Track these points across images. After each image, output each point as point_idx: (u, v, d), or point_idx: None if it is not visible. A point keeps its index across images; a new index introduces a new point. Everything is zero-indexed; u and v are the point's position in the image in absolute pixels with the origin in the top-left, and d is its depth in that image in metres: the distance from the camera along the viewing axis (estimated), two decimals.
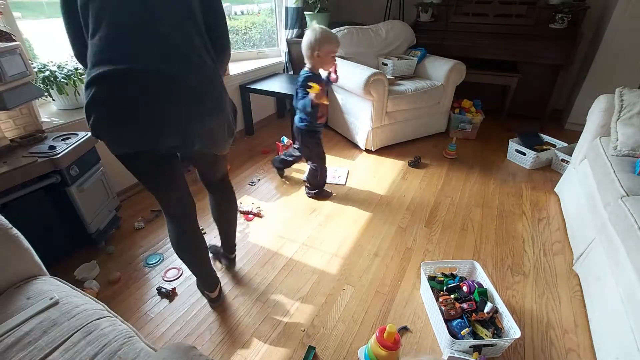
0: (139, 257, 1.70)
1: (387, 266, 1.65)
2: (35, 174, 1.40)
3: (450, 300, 1.31)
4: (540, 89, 3.18)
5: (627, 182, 1.41)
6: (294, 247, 1.77)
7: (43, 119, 1.69)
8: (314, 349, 1.26)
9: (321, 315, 1.40)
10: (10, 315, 0.86)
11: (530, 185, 2.31)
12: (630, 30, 2.59)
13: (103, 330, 0.85)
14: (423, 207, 2.09)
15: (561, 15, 2.74)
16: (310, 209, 2.07)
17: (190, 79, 0.97)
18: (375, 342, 1.14)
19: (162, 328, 1.35)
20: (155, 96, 0.93)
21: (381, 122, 2.60)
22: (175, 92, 0.95)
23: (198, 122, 1.00)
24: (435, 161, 2.62)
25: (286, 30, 3.16)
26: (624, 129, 1.66)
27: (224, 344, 1.29)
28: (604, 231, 1.35)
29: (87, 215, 1.60)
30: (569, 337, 1.32)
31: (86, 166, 1.62)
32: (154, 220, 1.97)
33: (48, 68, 1.74)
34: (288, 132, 2.87)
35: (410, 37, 3.10)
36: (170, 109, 0.95)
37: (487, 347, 1.19)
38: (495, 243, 1.80)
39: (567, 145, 2.47)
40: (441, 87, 2.74)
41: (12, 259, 0.98)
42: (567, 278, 1.58)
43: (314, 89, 1.68)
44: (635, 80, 2.72)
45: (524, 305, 1.45)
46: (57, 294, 0.93)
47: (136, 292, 1.51)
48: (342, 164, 2.58)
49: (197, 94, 0.98)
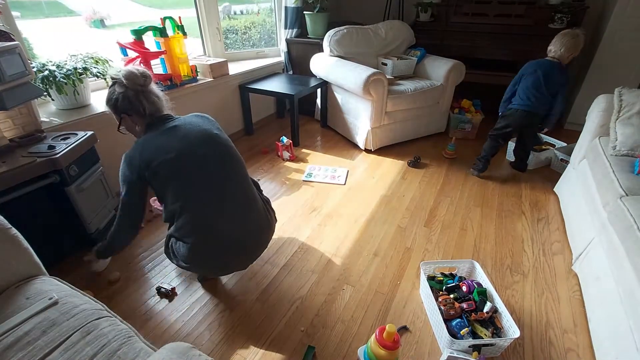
0: (139, 256, 1.70)
1: (386, 266, 1.65)
2: (35, 173, 1.40)
3: (450, 300, 1.32)
4: None
5: (627, 182, 1.41)
6: (293, 247, 1.77)
7: (42, 119, 1.68)
8: (313, 349, 1.26)
9: (321, 315, 1.40)
10: (9, 315, 0.86)
11: (529, 185, 2.32)
12: (630, 30, 2.60)
13: (102, 330, 0.85)
14: (422, 206, 2.09)
15: (560, 15, 2.74)
16: (310, 208, 2.07)
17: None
18: (374, 342, 1.14)
19: (162, 328, 1.35)
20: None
21: (381, 122, 2.61)
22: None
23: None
24: (434, 161, 2.63)
25: (286, 30, 3.15)
26: (623, 128, 1.67)
27: (224, 344, 1.29)
28: (603, 231, 1.36)
29: (87, 215, 1.59)
30: (568, 336, 1.32)
31: (85, 166, 1.62)
32: (154, 220, 1.96)
33: (47, 67, 1.74)
34: (288, 131, 2.87)
35: (409, 37, 3.10)
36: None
37: (487, 347, 1.19)
38: (494, 243, 1.80)
39: (567, 145, 2.47)
40: (441, 87, 2.74)
41: (11, 258, 0.98)
42: (567, 278, 1.58)
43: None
44: (634, 80, 2.73)
45: (523, 305, 1.45)
46: (57, 293, 0.93)
47: (136, 292, 1.51)
48: (342, 163, 2.58)
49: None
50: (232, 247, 1.27)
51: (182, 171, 1.17)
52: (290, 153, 2.64)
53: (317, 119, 3.36)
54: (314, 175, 2.41)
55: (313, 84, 2.84)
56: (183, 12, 2.55)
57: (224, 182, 1.24)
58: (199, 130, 1.24)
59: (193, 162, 1.18)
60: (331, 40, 2.77)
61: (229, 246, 1.27)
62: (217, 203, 1.22)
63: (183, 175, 1.18)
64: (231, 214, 1.25)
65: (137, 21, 2.47)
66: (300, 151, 2.78)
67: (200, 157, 1.20)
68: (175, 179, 1.17)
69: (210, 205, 1.21)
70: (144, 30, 2.09)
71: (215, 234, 1.23)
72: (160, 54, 2.18)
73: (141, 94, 1.21)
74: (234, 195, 1.27)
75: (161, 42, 2.17)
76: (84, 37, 2.30)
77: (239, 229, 1.28)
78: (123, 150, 1.27)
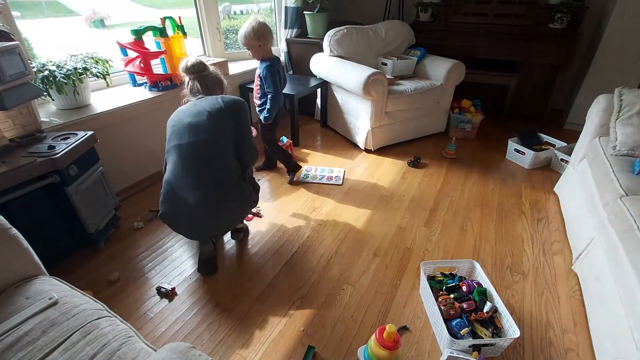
0: (139, 257, 1.70)
1: (386, 266, 1.65)
2: (35, 173, 1.40)
3: (450, 300, 1.32)
4: (539, 88, 3.18)
5: (627, 181, 1.41)
6: (293, 247, 1.77)
7: (42, 119, 1.68)
8: (313, 349, 1.26)
9: (321, 315, 1.40)
10: (9, 315, 0.86)
11: (529, 185, 2.32)
12: (630, 30, 2.60)
13: (102, 330, 0.85)
14: (422, 206, 2.09)
15: (560, 15, 2.74)
16: (309, 208, 2.07)
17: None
18: (374, 342, 1.14)
19: (162, 328, 1.35)
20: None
21: (381, 122, 2.61)
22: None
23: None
24: (434, 161, 2.62)
25: (285, 30, 3.16)
26: (623, 128, 1.67)
27: (224, 344, 1.29)
28: (603, 231, 1.35)
29: (86, 215, 1.59)
30: (568, 336, 1.32)
31: (85, 166, 1.62)
32: (154, 220, 1.96)
33: (47, 67, 1.74)
34: (287, 131, 2.87)
35: (409, 37, 3.10)
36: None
37: (487, 347, 1.19)
38: (494, 243, 1.80)
39: (567, 145, 2.47)
40: (441, 86, 2.74)
41: (11, 258, 0.98)
42: (566, 278, 1.58)
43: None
44: (634, 80, 2.73)
45: (523, 304, 1.45)
46: (57, 293, 0.93)
47: (135, 292, 1.51)
48: (342, 163, 2.58)
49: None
50: (191, 210, 1.40)
51: (174, 133, 1.43)
52: (290, 153, 2.64)
53: (317, 119, 3.36)
54: (310, 176, 2.40)
55: (313, 84, 2.84)
56: (183, 12, 2.55)
57: (196, 150, 1.39)
58: (201, 105, 1.44)
59: (179, 128, 1.42)
60: (331, 40, 2.77)
61: (188, 210, 1.40)
62: (186, 170, 1.40)
63: (173, 137, 1.43)
64: (196, 179, 1.39)
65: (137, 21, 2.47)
66: (300, 151, 2.78)
67: (185, 125, 1.41)
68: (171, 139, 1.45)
69: (179, 169, 1.41)
70: (144, 30, 2.09)
71: (178, 194, 1.41)
72: (160, 54, 2.18)
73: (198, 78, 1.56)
74: (201, 160, 1.40)
75: (161, 42, 2.17)
76: (84, 37, 2.30)
77: (200, 195, 1.39)
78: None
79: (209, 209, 1.41)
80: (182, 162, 1.39)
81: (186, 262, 1.67)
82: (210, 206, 1.41)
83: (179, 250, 1.75)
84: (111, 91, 2.20)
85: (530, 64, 3.05)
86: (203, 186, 1.39)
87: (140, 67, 2.13)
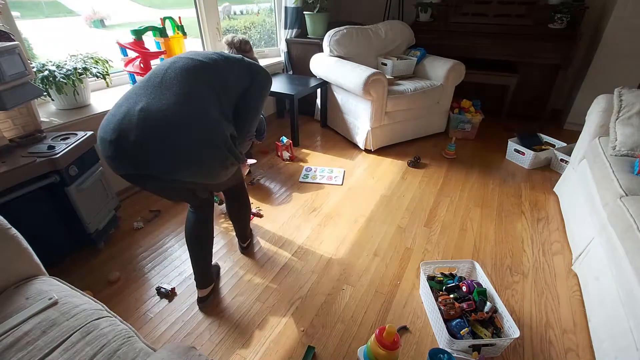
0: (139, 257, 1.70)
1: (386, 266, 1.65)
2: (34, 173, 1.40)
3: (450, 300, 1.32)
4: (539, 89, 3.19)
5: (626, 182, 1.41)
6: (293, 247, 1.77)
7: (42, 119, 1.69)
8: (313, 349, 1.26)
9: (320, 315, 1.40)
10: (9, 315, 0.86)
11: (529, 185, 2.32)
12: (629, 30, 2.60)
13: (102, 330, 0.85)
14: (422, 207, 2.09)
15: (560, 15, 2.74)
16: (309, 208, 2.07)
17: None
18: (374, 342, 1.14)
19: (162, 328, 1.35)
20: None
21: (380, 122, 2.61)
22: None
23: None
24: (434, 161, 2.63)
25: (285, 30, 3.16)
26: (622, 129, 1.67)
27: (224, 344, 1.29)
28: (603, 231, 1.35)
29: (86, 215, 1.59)
30: (567, 336, 1.32)
31: (85, 166, 1.62)
32: (153, 220, 1.96)
33: (47, 68, 1.74)
34: (287, 131, 2.87)
35: (409, 37, 3.10)
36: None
37: (487, 347, 1.19)
38: (494, 243, 1.80)
39: (566, 145, 2.47)
40: (440, 87, 2.74)
41: (11, 259, 0.98)
42: (566, 278, 1.58)
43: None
44: (634, 80, 2.73)
45: (523, 305, 1.45)
46: (56, 294, 0.93)
47: (135, 292, 1.51)
48: (342, 164, 2.58)
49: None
50: (135, 118, 1.00)
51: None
52: (290, 153, 2.64)
53: (317, 119, 3.36)
54: (310, 176, 2.41)
55: (313, 84, 2.84)
56: (183, 12, 2.54)
57: (185, 71, 1.11)
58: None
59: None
60: (331, 40, 2.77)
61: (129, 116, 1.01)
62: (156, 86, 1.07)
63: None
64: (164, 89, 1.06)
65: (137, 21, 2.47)
66: (300, 151, 2.78)
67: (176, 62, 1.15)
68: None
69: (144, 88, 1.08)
70: (144, 30, 2.09)
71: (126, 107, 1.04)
72: (160, 54, 2.18)
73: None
74: (173, 84, 1.07)
75: (161, 42, 2.17)
76: (83, 37, 2.30)
77: (155, 101, 1.03)
78: None
79: (158, 121, 0.99)
80: (160, 82, 1.07)
81: (186, 262, 1.67)
82: (162, 119, 0.99)
83: (179, 250, 1.75)
84: (111, 91, 2.20)
85: (530, 64, 3.05)
86: (170, 97, 1.03)
87: (140, 67, 2.13)
